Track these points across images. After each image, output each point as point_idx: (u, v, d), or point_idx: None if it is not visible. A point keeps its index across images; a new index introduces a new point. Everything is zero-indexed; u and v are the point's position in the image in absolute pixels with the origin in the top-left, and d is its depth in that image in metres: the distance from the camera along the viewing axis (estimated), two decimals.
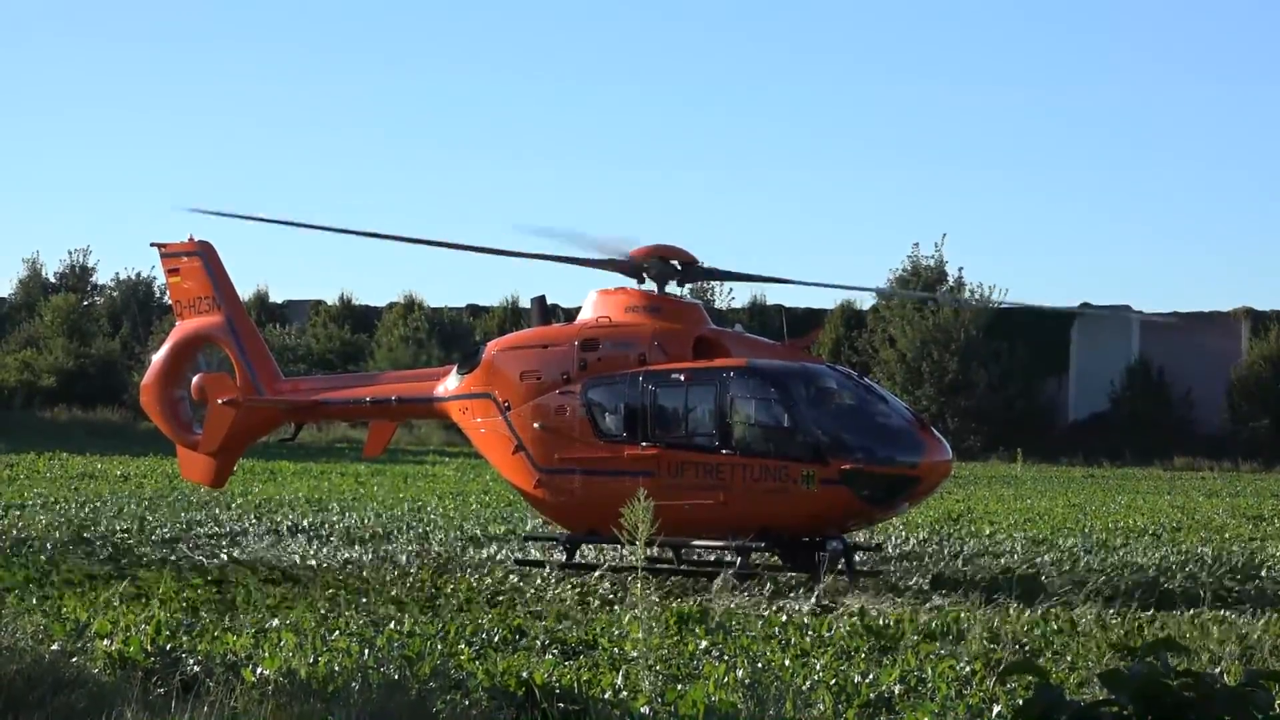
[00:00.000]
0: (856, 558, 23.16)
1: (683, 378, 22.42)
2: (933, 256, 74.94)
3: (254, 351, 26.58)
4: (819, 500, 21.53)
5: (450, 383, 24.43)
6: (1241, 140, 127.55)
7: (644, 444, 22.35)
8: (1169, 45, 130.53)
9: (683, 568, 23.18)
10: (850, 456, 21.53)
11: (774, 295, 73.54)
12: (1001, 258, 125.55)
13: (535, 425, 23.08)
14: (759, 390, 22.19)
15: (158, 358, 27.42)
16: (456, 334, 78.71)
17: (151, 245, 27.49)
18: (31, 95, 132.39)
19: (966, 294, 74.12)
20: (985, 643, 16.54)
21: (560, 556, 23.45)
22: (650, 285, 23.83)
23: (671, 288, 23.92)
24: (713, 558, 23.52)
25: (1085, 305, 73.99)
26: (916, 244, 75.05)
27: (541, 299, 24.93)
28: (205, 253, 27.05)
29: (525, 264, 24.77)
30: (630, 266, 23.73)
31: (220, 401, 25.88)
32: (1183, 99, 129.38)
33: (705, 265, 24.18)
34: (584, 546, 23.77)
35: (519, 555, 24.51)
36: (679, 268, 23.80)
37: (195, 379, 26.58)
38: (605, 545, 23.55)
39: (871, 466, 21.55)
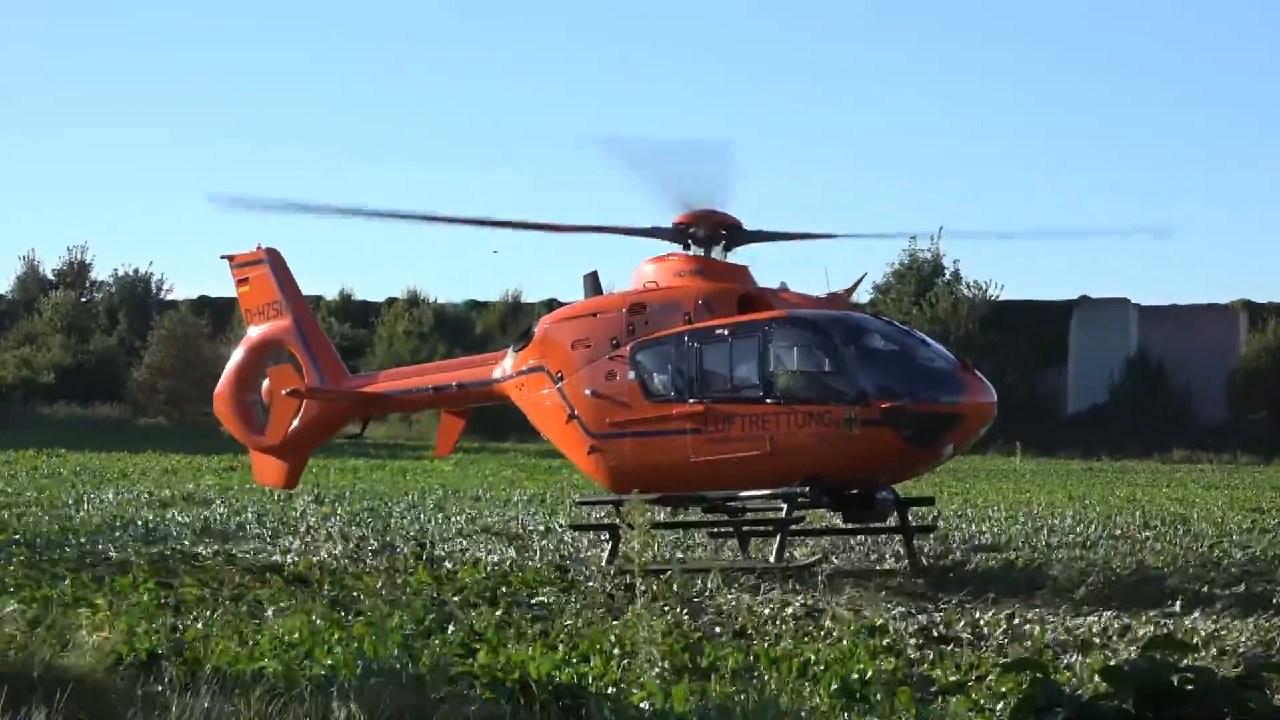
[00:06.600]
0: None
1: (726, 332, 22.57)
2: (929, 250, 74.83)
3: (320, 350, 26.78)
4: (862, 443, 21.49)
5: (507, 363, 24.67)
6: (1238, 133, 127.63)
7: (690, 400, 22.52)
8: (1165, 38, 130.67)
9: (732, 527, 23.66)
10: (891, 396, 21.55)
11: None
12: (999, 251, 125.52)
13: (586, 392, 23.31)
14: (800, 337, 22.30)
15: (231, 364, 27.57)
16: (459, 329, 78.72)
17: (221, 258, 27.78)
18: (28, 93, 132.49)
19: (964, 288, 74.01)
20: (986, 637, 16.49)
21: (606, 547, 23.55)
22: (697, 251, 23.94)
23: (718, 253, 23.99)
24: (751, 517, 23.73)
25: (1084, 298, 74.07)
26: (913, 238, 74.54)
27: (594, 274, 24.99)
28: (272, 259, 27.27)
29: (523, 257, 24.66)
30: (676, 233, 23.88)
31: (284, 393, 26.05)
32: (1178, 92, 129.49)
33: (751, 228, 24.21)
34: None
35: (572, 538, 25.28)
36: (725, 232, 23.90)
37: (265, 381, 26.74)
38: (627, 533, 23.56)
39: (913, 405, 21.52)
